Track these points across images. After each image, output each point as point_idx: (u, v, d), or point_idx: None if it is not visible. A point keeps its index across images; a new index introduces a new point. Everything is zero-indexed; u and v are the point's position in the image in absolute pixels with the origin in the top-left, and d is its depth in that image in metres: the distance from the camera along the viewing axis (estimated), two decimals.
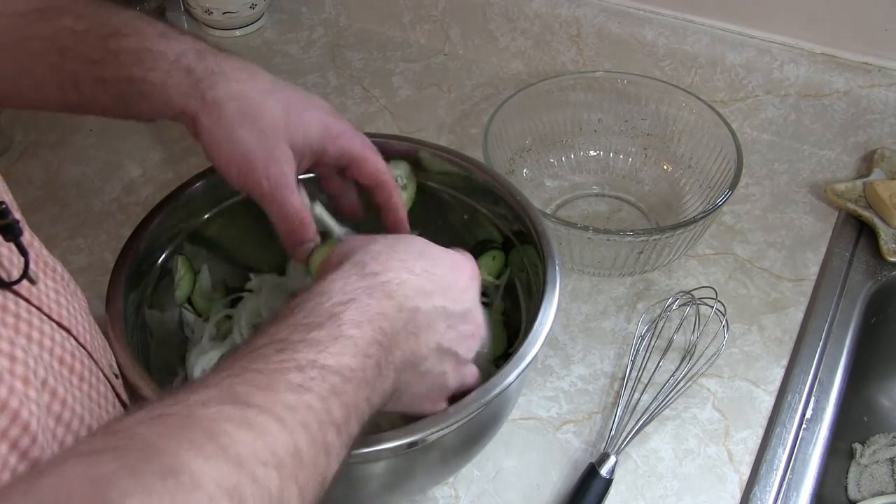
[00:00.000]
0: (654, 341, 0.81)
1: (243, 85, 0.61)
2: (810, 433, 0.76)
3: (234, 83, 0.61)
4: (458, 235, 0.79)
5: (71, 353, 0.47)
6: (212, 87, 0.60)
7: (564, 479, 0.74)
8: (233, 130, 0.60)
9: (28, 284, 0.46)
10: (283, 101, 0.63)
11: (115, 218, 0.95)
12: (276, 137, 0.61)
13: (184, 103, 0.60)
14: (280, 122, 0.62)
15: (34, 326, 0.45)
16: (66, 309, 0.50)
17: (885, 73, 0.96)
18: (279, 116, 0.62)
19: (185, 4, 1.21)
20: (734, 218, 0.95)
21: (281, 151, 0.61)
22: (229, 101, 0.60)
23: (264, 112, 0.61)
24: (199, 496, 0.34)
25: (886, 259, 0.88)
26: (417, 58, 1.16)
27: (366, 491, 0.62)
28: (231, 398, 0.40)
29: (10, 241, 0.46)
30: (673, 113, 0.95)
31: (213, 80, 0.60)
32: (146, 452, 0.35)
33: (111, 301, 0.64)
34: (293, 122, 0.62)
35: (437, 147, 0.77)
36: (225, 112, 0.60)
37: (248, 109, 0.61)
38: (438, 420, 0.56)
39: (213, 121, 0.60)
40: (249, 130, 0.60)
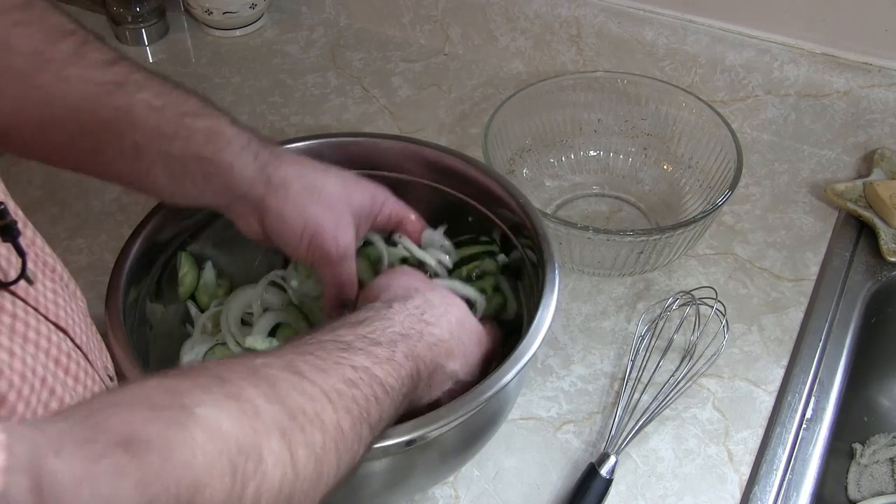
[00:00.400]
0: (654, 341, 0.81)
1: (302, 166, 0.67)
2: (810, 433, 0.76)
3: (297, 165, 0.66)
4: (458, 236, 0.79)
5: (67, 353, 0.48)
6: (277, 169, 0.65)
7: (564, 479, 0.74)
8: (303, 206, 0.65)
9: (25, 285, 0.47)
10: (337, 177, 0.68)
11: (115, 218, 0.95)
12: (341, 207, 0.67)
13: (248, 187, 0.64)
14: (341, 194, 0.67)
15: (31, 327, 0.45)
16: (64, 310, 0.50)
17: (885, 73, 0.96)
18: (339, 189, 0.67)
19: (185, 4, 1.21)
20: (734, 218, 0.95)
21: (345, 222, 0.67)
22: (294, 181, 0.65)
23: (327, 186, 0.67)
24: (258, 424, 0.40)
25: (886, 259, 0.88)
26: (417, 58, 1.16)
27: (367, 490, 0.63)
28: (291, 368, 0.45)
29: (7, 242, 0.46)
30: (673, 113, 0.95)
31: (278, 164, 0.65)
32: (217, 379, 0.41)
33: (110, 298, 0.64)
34: (350, 192, 0.68)
35: (436, 147, 0.77)
36: (293, 191, 0.65)
37: (312, 186, 0.66)
38: (437, 418, 0.57)
39: (281, 200, 0.65)
40: (317, 204, 0.66)
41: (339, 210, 0.67)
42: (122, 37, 1.18)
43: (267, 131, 1.05)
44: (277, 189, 0.65)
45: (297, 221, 0.65)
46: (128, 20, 1.17)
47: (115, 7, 1.17)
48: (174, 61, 1.17)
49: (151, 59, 1.18)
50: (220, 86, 1.12)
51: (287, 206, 0.65)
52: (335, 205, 0.67)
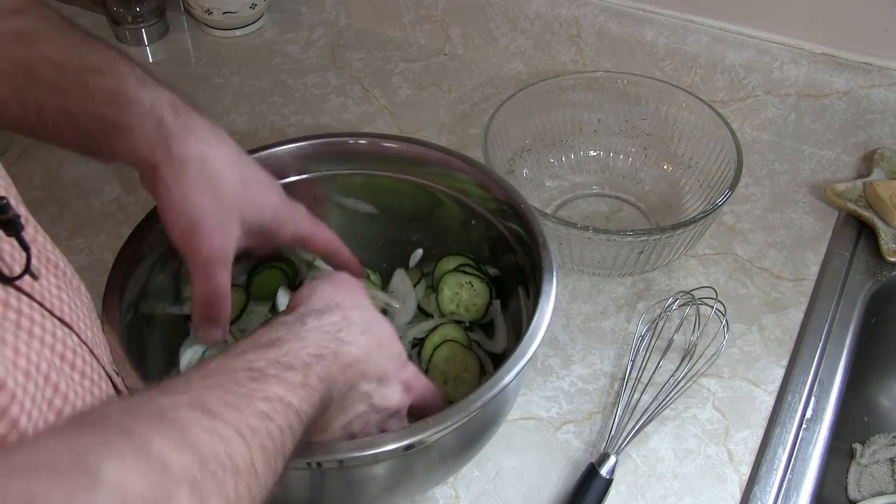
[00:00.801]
0: (654, 341, 0.81)
1: (210, 149, 0.62)
2: (810, 433, 0.76)
3: (202, 145, 0.61)
4: (458, 237, 0.79)
5: (72, 349, 0.48)
6: (180, 143, 0.61)
7: (564, 479, 0.74)
8: (190, 191, 0.61)
9: (30, 280, 0.47)
10: (242, 175, 0.63)
11: (114, 218, 0.95)
12: (230, 209, 0.62)
13: (148, 153, 0.60)
14: (236, 196, 0.62)
15: (36, 322, 0.45)
16: (69, 305, 0.50)
17: (885, 73, 0.96)
18: (237, 189, 0.62)
19: (185, 4, 1.21)
20: (734, 218, 0.95)
21: (229, 224, 0.62)
22: (193, 161, 0.61)
23: (223, 181, 0.62)
24: (166, 477, 0.37)
25: (886, 259, 0.88)
26: (417, 58, 1.16)
27: (366, 493, 0.62)
28: (201, 407, 0.42)
29: (11, 237, 0.46)
30: (673, 113, 0.95)
31: (183, 137, 0.61)
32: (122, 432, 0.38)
33: (108, 297, 0.64)
34: (249, 198, 0.63)
35: (436, 147, 0.77)
36: (187, 171, 0.61)
37: (209, 174, 0.61)
38: (437, 421, 0.56)
39: (174, 176, 0.60)
40: (205, 196, 0.61)
41: (227, 210, 0.62)
42: (122, 37, 1.18)
43: (267, 131, 1.05)
44: (174, 162, 0.60)
45: (178, 205, 0.61)
46: (128, 20, 1.17)
47: (115, 7, 1.17)
48: (174, 61, 1.17)
49: (151, 59, 1.18)
50: (220, 86, 1.12)
51: (174, 185, 0.61)
52: (224, 202, 0.62)
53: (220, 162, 0.62)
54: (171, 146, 0.60)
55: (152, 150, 0.60)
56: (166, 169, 0.61)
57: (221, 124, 0.66)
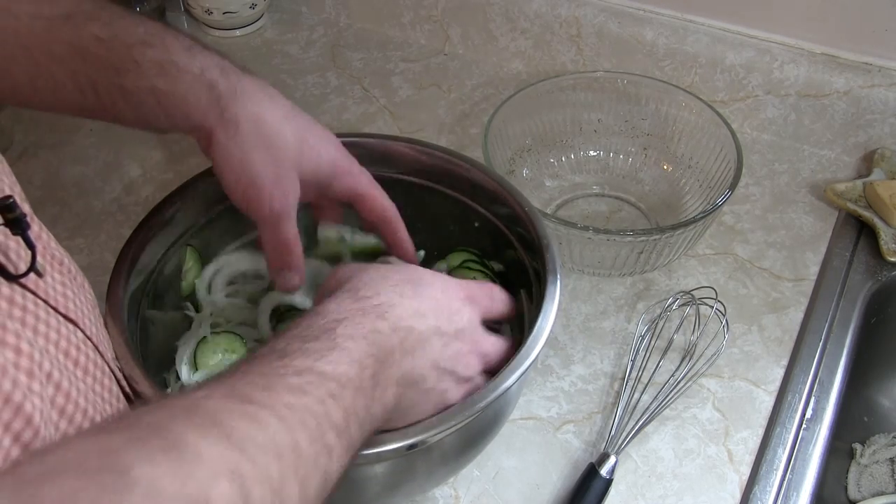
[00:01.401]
0: (654, 341, 0.81)
1: (262, 107, 0.62)
2: (810, 433, 0.76)
3: (254, 104, 0.62)
4: (461, 240, 0.79)
5: (76, 346, 0.48)
6: (232, 104, 0.61)
7: (564, 479, 0.74)
8: (247, 151, 0.61)
9: (35, 277, 0.47)
10: (298, 130, 0.63)
11: (115, 218, 0.95)
12: (287, 165, 0.62)
13: (202, 118, 0.61)
14: (293, 151, 0.63)
15: (40, 319, 0.45)
16: (73, 302, 0.50)
17: (885, 73, 0.96)
18: (293, 145, 0.63)
19: (185, 4, 1.21)
20: (734, 218, 0.95)
21: (289, 180, 0.63)
22: (247, 122, 0.61)
23: (279, 138, 0.62)
24: (202, 471, 0.36)
25: (886, 259, 0.88)
26: (417, 58, 1.16)
27: (366, 492, 0.62)
28: (233, 394, 0.42)
29: (17, 235, 0.46)
30: (673, 113, 0.95)
31: (234, 99, 0.61)
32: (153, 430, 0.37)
33: (111, 294, 0.64)
34: (305, 152, 0.64)
35: (436, 147, 0.77)
36: (242, 131, 0.61)
37: (264, 132, 0.61)
38: (438, 422, 0.56)
39: (229, 138, 0.61)
40: (262, 154, 0.61)
41: (285, 167, 0.62)
42: None
43: None
44: (228, 125, 0.61)
45: (237, 166, 0.62)
46: None
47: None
48: None
49: None
50: None
51: (231, 146, 0.61)
52: (281, 160, 0.62)
53: (274, 119, 0.62)
54: (223, 109, 0.61)
55: (206, 115, 0.61)
56: (221, 132, 0.61)
57: None
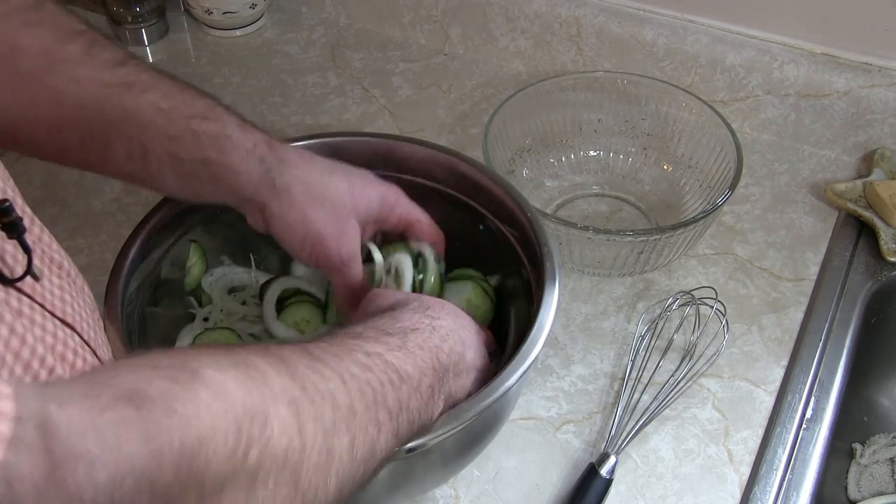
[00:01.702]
0: (654, 341, 0.81)
1: (306, 170, 0.66)
2: (810, 433, 0.76)
3: (300, 170, 0.66)
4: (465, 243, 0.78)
5: (74, 350, 0.48)
6: (281, 174, 0.65)
7: (564, 479, 0.74)
8: (305, 212, 0.65)
9: (32, 281, 0.47)
10: (344, 179, 0.67)
11: (115, 218, 0.95)
12: (345, 213, 0.67)
13: (253, 191, 0.65)
14: (346, 199, 0.67)
15: (37, 323, 0.45)
16: (71, 306, 0.50)
17: (885, 73, 0.96)
18: (345, 193, 0.67)
19: (185, 4, 1.21)
20: (734, 218, 0.95)
21: (350, 227, 0.67)
22: (297, 186, 0.65)
23: (330, 191, 0.66)
24: (265, 390, 0.39)
25: (886, 259, 0.88)
26: (417, 58, 1.16)
27: (367, 493, 0.62)
28: (303, 350, 0.46)
29: (13, 239, 0.46)
30: (673, 113, 0.95)
31: (282, 168, 0.65)
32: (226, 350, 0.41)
33: (109, 293, 0.64)
34: (357, 196, 0.68)
35: (435, 147, 0.77)
36: (294, 196, 0.65)
37: (315, 191, 0.66)
38: (438, 425, 0.56)
39: (284, 205, 0.65)
40: (319, 210, 0.66)
41: (343, 216, 0.66)
42: (122, 37, 1.18)
43: None
44: (280, 194, 0.65)
45: (299, 228, 0.66)
46: (128, 20, 1.17)
47: (115, 7, 1.17)
48: (174, 61, 1.17)
49: (151, 59, 1.18)
50: (220, 86, 1.12)
51: (289, 212, 0.65)
52: (339, 211, 0.66)
53: (321, 175, 0.66)
54: (274, 180, 0.65)
55: (257, 188, 0.65)
56: (275, 202, 0.65)
57: None
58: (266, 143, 0.65)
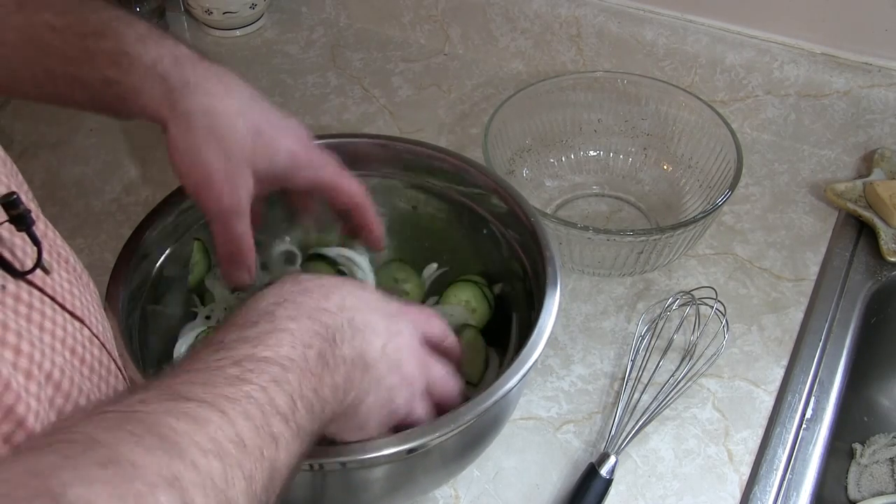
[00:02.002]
0: (654, 341, 0.81)
1: (216, 101, 0.61)
2: (810, 433, 0.76)
3: (208, 97, 0.60)
4: (471, 248, 0.78)
5: (82, 344, 0.48)
6: (184, 98, 0.60)
7: (564, 479, 0.74)
8: (198, 146, 0.60)
9: (42, 274, 0.47)
10: (253, 124, 0.62)
11: (115, 218, 0.95)
12: (239, 161, 0.61)
13: (155, 110, 0.60)
14: (246, 146, 0.62)
15: (46, 316, 0.45)
16: (80, 300, 0.50)
17: (885, 73, 0.96)
18: (246, 140, 0.62)
19: (185, 4, 1.21)
20: (734, 218, 0.95)
21: (240, 176, 0.62)
22: (199, 116, 0.60)
23: (232, 133, 0.61)
24: (139, 485, 0.35)
25: (886, 259, 0.88)
26: (417, 58, 1.16)
27: (367, 495, 0.62)
28: (170, 394, 0.40)
29: (22, 231, 0.46)
30: (673, 113, 0.95)
31: (187, 91, 0.60)
32: (87, 445, 0.36)
33: (110, 290, 0.64)
34: (259, 147, 0.62)
35: (435, 148, 0.77)
36: (193, 126, 0.60)
37: (216, 128, 0.60)
38: (439, 425, 0.56)
39: (181, 132, 0.60)
40: (214, 150, 0.60)
41: (236, 161, 0.61)
42: None
43: None
44: (178, 119, 0.60)
45: (188, 159, 0.61)
46: None
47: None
48: None
49: None
50: None
51: (182, 140, 0.60)
52: (233, 154, 0.61)
53: (227, 113, 0.61)
54: (175, 102, 0.60)
55: (158, 107, 0.60)
56: (173, 126, 0.60)
57: None
58: (173, 59, 0.60)
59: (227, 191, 0.61)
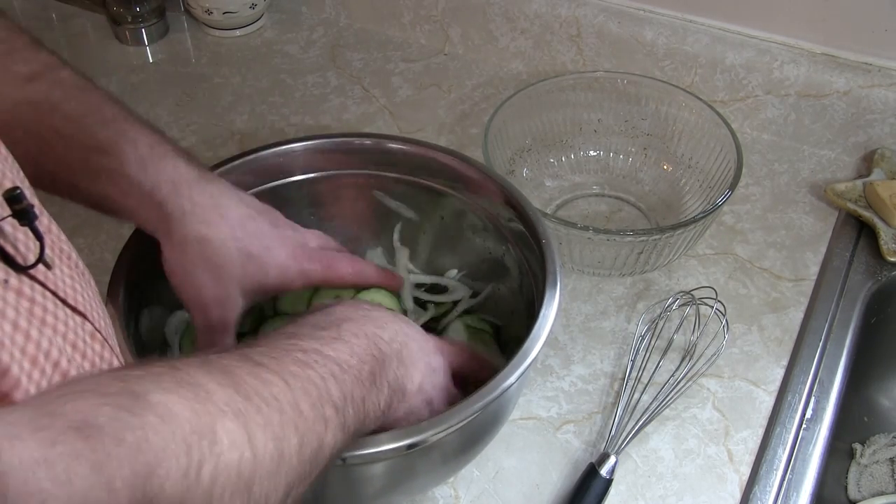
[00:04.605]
0: (654, 341, 0.81)
1: (210, 229, 0.64)
2: (810, 433, 0.76)
3: (202, 225, 0.64)
4: (459, 241, 0.79)
5: (84, 339, 0.48)
6: (180, 227, 0.63)
7: (564, 479, 0.74)
8: (191, 269, 0.65)
9: (44, 269, 0.47)
10: (244, 247, 0.66)
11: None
12: (229, 284, 0.66)
13: (151, 231, 0.65)
14: (236, 270, 0.66)
15: (48, 311, 0.45)
16: (82, 295, 0.50)
17: (885, 73, 0.96)
18: (237, 264, 0.65)
19: (185, 4, 1.21)
20: (734, 218, 0.95)
21: (231, 298, 0.66)
22: (193, 244, 0.64)
23: (223, 259, 0.65)
24: (211, 406, 0.40)
25: (886, 259, 0.88)
26: (417, 58, 1.16)
27: (367, 490, 0.63)
28: (244, 358, 0.46)
29: (24, 226, 0.46)
30: (673, 113, 0.95)
31: (182, 220, 0.63)
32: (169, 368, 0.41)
33: (111, 287, 0.65)
34: (250, 271, 0.66)
35: (436, 147, 0.77)
36: (187, 252, 0.64)
37: (208, 255, 0.64)
38: (438, 422, 0.57)
39: (175, 255, 0.65)
40: (205, 274, 0.65)
41: (227, 285, 0.66)
42: (122, 37, 1.18)
43: (267, 131, 1.05)
44: (175, 245, 0.64)
45: (183, 281, 0.65)
46: (128, 20, 1.17)
47: (115, 7, 1.17)
48: (174, 61, 1.17)
49: (151, 59, 1.18)
50: (220, 86, 1.12)
51: (177, 262, 0.65)
52: (224, 279, 0.65)
53: (219, 240, 0.65)
54: (170, 230, 0.64)
55: (155, 229, 0.64)
56: (167, 248, 0.65)
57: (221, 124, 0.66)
58: (171, 187, 0.63)
59: (216, 312, 0.66)
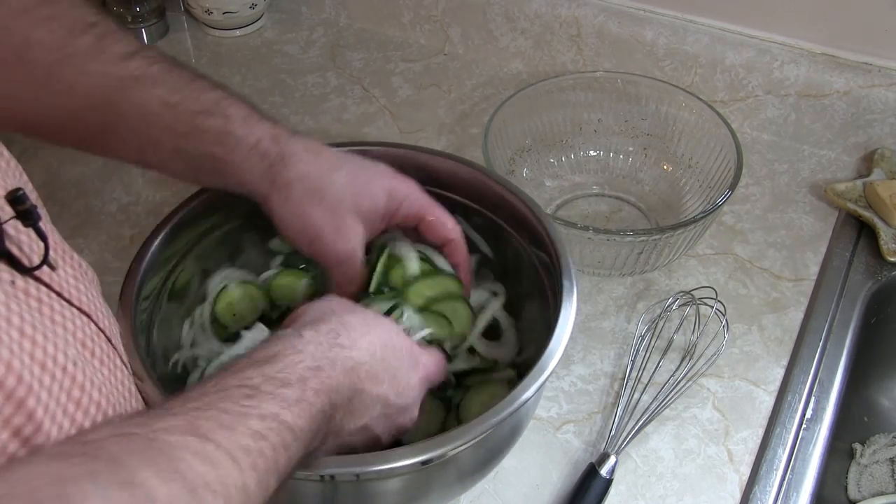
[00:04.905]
0: (654, 341, 0.81)
1: (310, 166, 0.66)
2: (810, 433, 0.76)
3: (302, 165, 0.66)
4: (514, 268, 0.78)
5: (91, 337, 0.48)
6: (283, 170, 0.65)
7: (564, 479, 0.74)
8: (302, 209, 0.66)
9: (48, 270, 0.47)
10: (348, 175, 0.67)
11: (115, 218, 0.95)
12: (343, 211, 0.67)
13: (256, 185, 0.66)
14: (347, 196, 0.67)
15: (56, 311, 0.45)
16: (86, 295, 0.50)
17: (885, 73, 0.96)
18: (345, 190, 0.67)
19: (185, 4, 1.21)
20: (734, 218, 0.95)
21: (348, 226, 0.67)
22: (298, 182, 0.66)
23: (331, 188, 0.66)
24: None
25: (886, 259, 0.88)
26: (417, 58, 1.16)
27: None
28: (193, 430, 0.43)
29: (28, 227, 0.46)
30: (673, 113, 0.95)
31: (284, 164, 0.65)
32: (109, 463, 0.38)
33: (125, 288, 0.65)
34: (359, 193, 0.67)
35: (439, 153, 0.77)
36: (294, 192, 0.66)
37: (315, 188, 0.66)
38: (455, 437, 0.55)
39: (284, 200, 0.66)
40: (318, 207, 0.66)
41: (342, 213, 0.67)
42: None
43: None
44: (280, 190, 0.65)
45: (298, 223, 0.66)
46: (128, 20, 1.17)
47: (115, 7, 1.17)
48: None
49: None
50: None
51: (288, 207, 0.66)
52: (338, 208, 0.66)
53: (322, 173, 0.66)
54: (275, 176, 0.65)
55: (260, 182, 0.66)
56: (275, 197, 0.66)
57: None
58: (271, 138, 0.65)
59: (341, 241, 0.67)
